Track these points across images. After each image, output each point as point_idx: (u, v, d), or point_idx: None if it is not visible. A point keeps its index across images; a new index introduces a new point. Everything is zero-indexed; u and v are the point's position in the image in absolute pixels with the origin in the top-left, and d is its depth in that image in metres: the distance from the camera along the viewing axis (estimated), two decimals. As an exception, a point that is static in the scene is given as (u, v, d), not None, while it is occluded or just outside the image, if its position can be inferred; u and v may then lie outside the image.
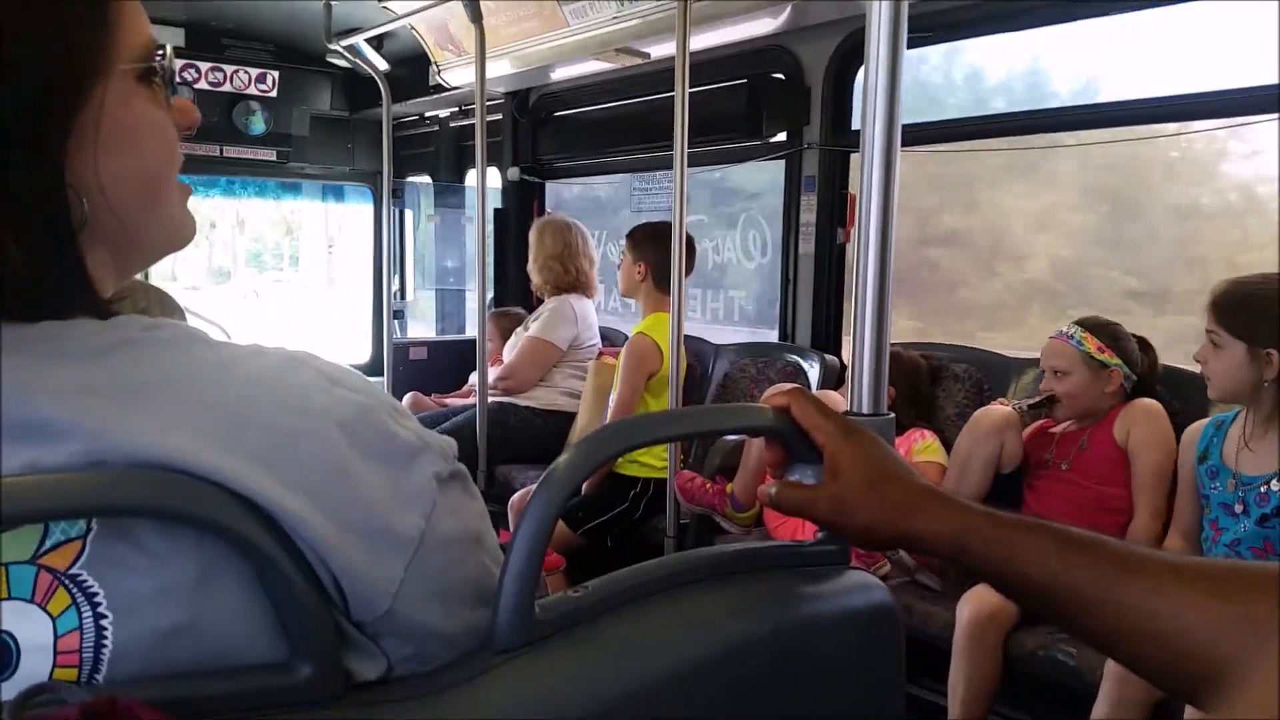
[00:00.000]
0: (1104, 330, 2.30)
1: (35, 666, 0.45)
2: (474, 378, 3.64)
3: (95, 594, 0.45)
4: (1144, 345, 2.35)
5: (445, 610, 0.55)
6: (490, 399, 3.30)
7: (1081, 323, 2.33)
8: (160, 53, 0.55)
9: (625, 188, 4.32)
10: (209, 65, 4.35)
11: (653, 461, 2.97)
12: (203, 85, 4.34)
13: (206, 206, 5.30)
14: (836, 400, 2.36)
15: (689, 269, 3.16)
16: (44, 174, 0.49)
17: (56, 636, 0.45)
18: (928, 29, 2.83)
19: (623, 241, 3.30)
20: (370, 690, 0.52)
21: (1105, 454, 2.26)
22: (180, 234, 0.59)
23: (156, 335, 0.50)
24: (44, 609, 0.45)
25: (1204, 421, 2.12)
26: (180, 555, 0.47)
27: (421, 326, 5.34)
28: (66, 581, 0.45)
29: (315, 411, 0.51)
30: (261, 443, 0.48)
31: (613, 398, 3.11)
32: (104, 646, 0.45)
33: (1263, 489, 1.92)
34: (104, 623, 0.45)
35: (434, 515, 0.53)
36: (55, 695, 0.40)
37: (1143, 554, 0.60)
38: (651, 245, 3.14)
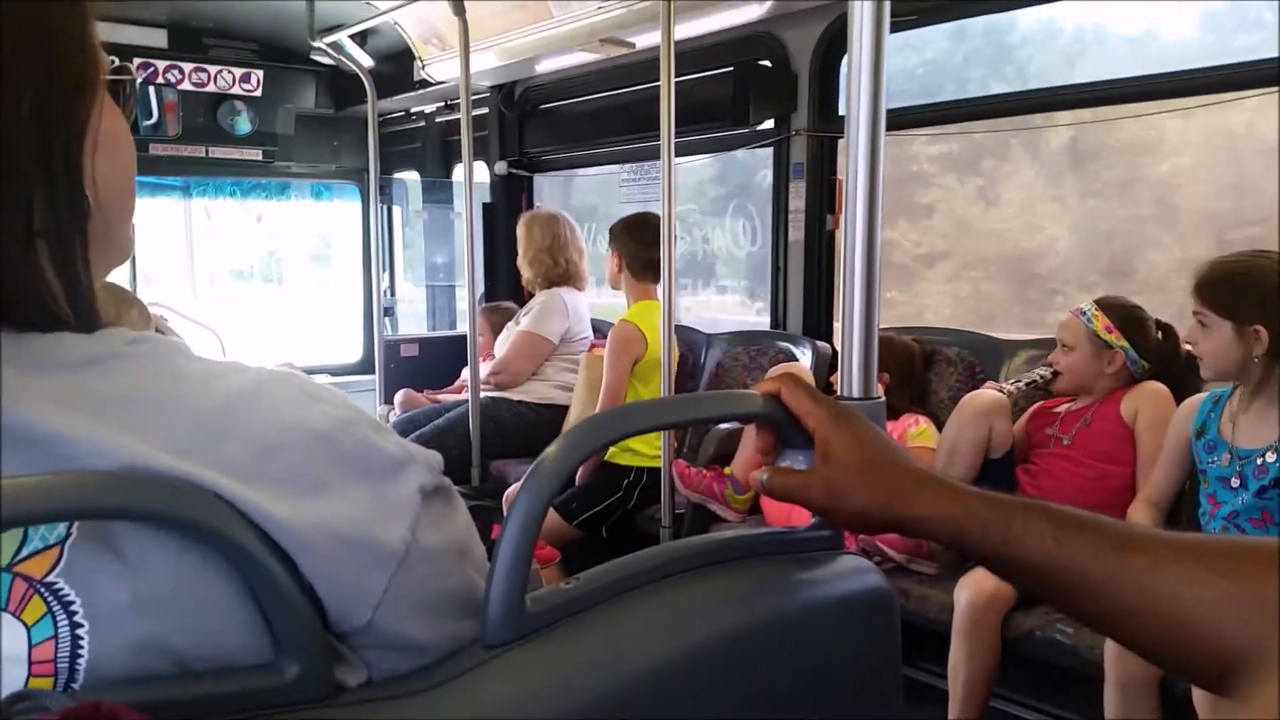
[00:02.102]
0: (1118, 311, 2.31)
1: (10, 676, 0.44)
2: (466, 373, 3.63)
3: (71, 602, 0.45)
4: (1167, 331, 2.35)
5: (427, 622, 0.55)
6: (483, 394, 3.30)
7: (1099, 301, 2.35)
8: (119, 65, 0.56)
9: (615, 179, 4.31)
10: (192, 66, 4.33)
11: (645, 450, 2.97)
12: (186, 86, 4.32)
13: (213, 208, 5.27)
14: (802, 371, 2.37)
15: (654, 258, 3.17)
16: (72, 178, 0.50)
17: (31, 646, 0.44)
18: (912, 12, 2.82)
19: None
20: (359, 690, 0.51)
21: (1111, 431, 2.28)
22: (131, 245, 0.60)
23: (139, 349, 0.50)
24: (18, 618, 0.44)
25: (1201, 396, 2.12)
26: (159, 564, 0.46)
27: (412, 323, 5.33)
28: (42, 589, 0.45)
29: (295, 425, 0.50)
30: (241, 455, 0.48)
31: (602, 383, 3.12)
32: (80, 656, 0.45)
33: (1260, 461, 1.92)
34: (80, 632, 0.45)
35: (418, 528, 0.53)
36: (37, 702, 0.40)
37: (1141, 532, 0.60)
38: (625, 238, 3.17)
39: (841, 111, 3.16)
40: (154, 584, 0.46)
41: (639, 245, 3.14)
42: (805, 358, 3.08)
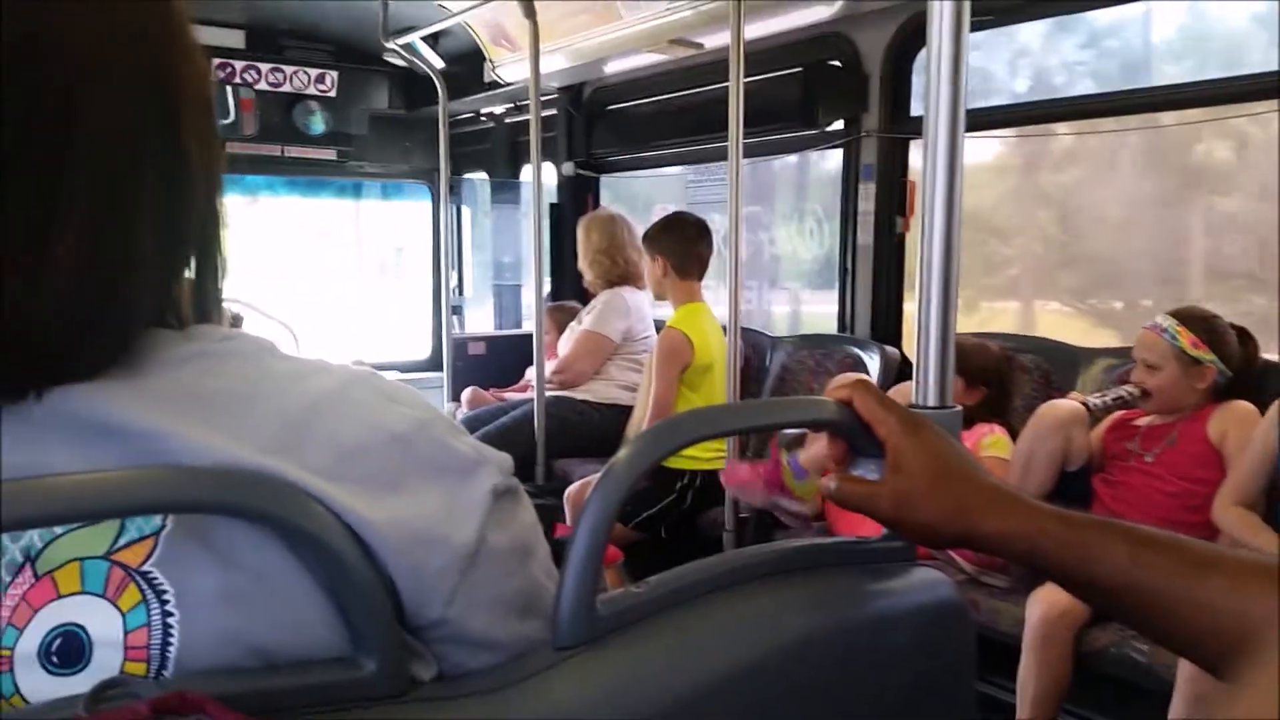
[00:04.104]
0: (1199, 324, 2.20)
1: (106, 660, 0.46)
2: (531, 372, 3.66)
3: (165, 591, 0.46)
4: (1243, 336, 2.25)
5: (495, 619, 0.55)
6: (547, 393, 3.32)
7: (1176, 314, 2.23)
8: None
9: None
10: (269, 66, 4.43)
11: (700, 454, 2.94)
12: (263, 86, 4.42)
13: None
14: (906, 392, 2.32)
15: (706, 258, 3.15)
16: (214, 183, 0.54)
17: (126, 632, 0.46)
18: (988, 12, 2.77)
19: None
20: (432, 687, 0.52)
21: (1197, 451, 2.18)
22: None
23: (230, 347, 0.52)
24: (115, 604, 0.46)
25: None
26: (246, 557, 0.47)
27: (479, 322, 5.39)
28: (138, 578, 0.46)
29: (375, 426, 0.52)
30: (325, 455, 0.49)
31: (650, 393, 3.10)
32: (170, 644, 0.46)
33: None
34: (170, 620, 0.46)
35: (488, 527, 0.54)
36: (127, 689, 0.41)
37: (1220, 553, 0.58)
38: (666, 238, 3.15)
39: (914, 112, 3.12)
40: (240, 577, 0.47)
41: (681, 242, 3.11)
42: (873, 363, 3.04)
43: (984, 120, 2.94)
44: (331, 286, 5.70)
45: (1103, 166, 3.30)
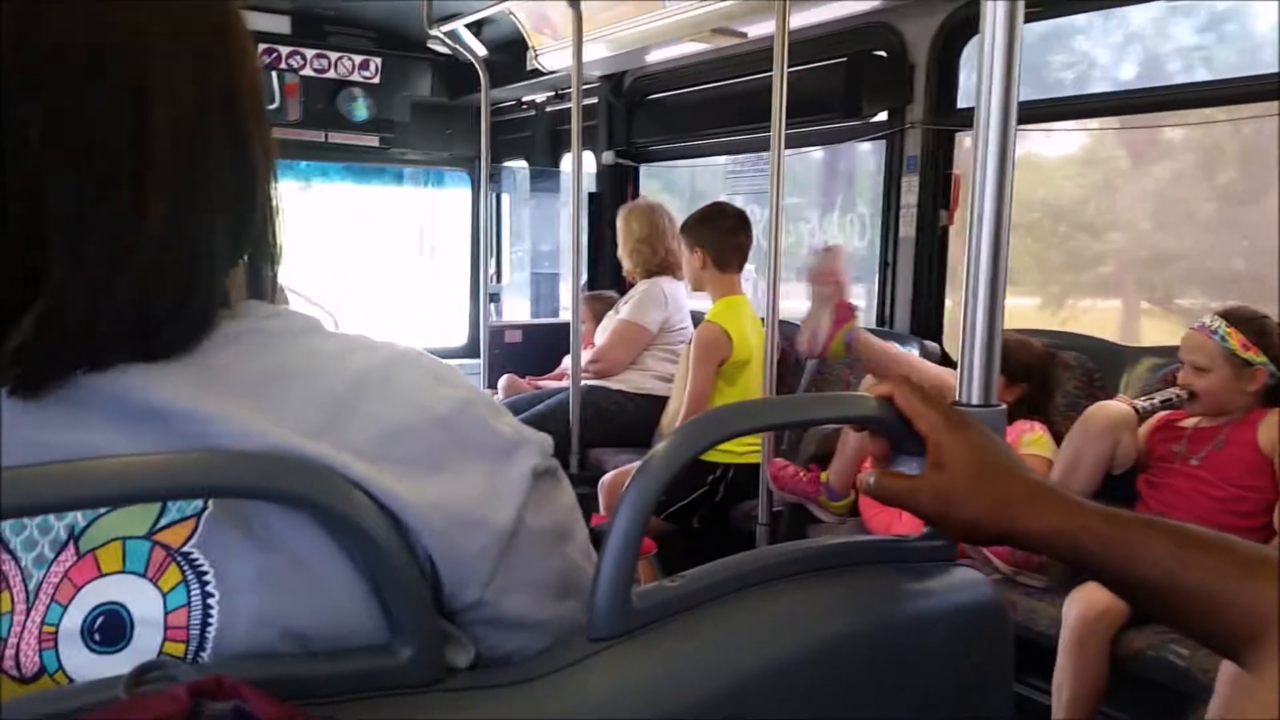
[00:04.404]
0: (1250, 324, 2.14)
1: (146, 640, 0.46)
2: (567, 361, 3.67)
3: (205, 573, 0.47)
4: None
5: (533, 600, 0.56)
6: (582, 382, 3.32)
7: (1226, 315, 2.16)
8: None
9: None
10: (314, 52, 4.46)
11: (734, 447, 2.92)
12: (308, 72, 4.46)
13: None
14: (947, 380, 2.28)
15: (746, 248, 3.12)
16: (270, 169, 0.56)
17: (166, 612, 0.47)
18: (1041, 3, 2.72)
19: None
20: (467, 676, 0.52)
21: (1246, 457, 2.12)
22: None
23: (276, 325, 0.53)
24: (155, 584, 0.47)
25: None
26: (285, 541, 0.48)
27: (517, 309, 5.40)
28: (179, 559, 0.47)
29: (419, 407, 0.52)
30: (368, 436, 0.49)
31: (686, 387, 3.09)
32: (209, 625, 0.47)
33: None
34: (210, 601, 0.47)
35: (527, 509, 0.54)
36: (166, 672, 0.41)
37: (1268, 555, 0.57)
38: (705, 229, 3.10)
39: (961, 104, 3.07)
40: (279, 560, 0.47)
41: (722, 233, 3.07)
42: (912, 357, 3.01)
43: (1035, 113, 2.88)
44: (372, 272, 5.75)
45: (1202, 160, 3.16)
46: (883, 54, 3.16)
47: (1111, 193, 3.55)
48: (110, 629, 0.46)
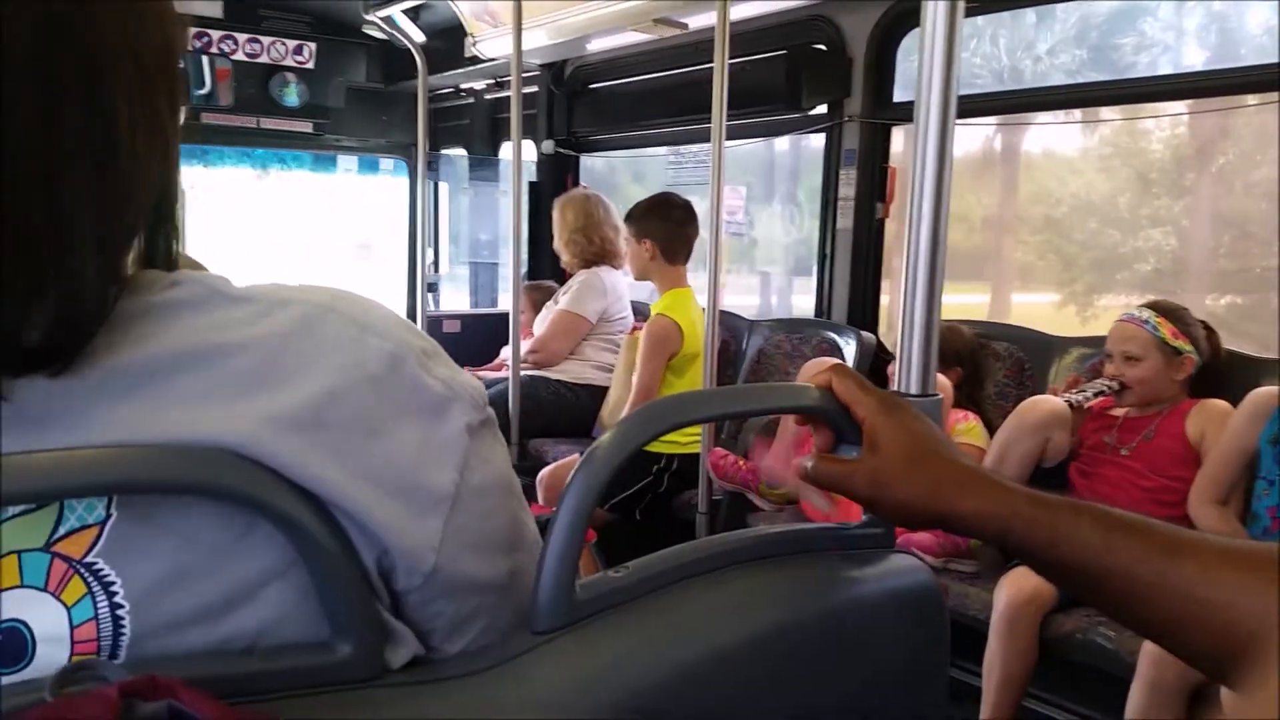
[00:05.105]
0: (1175, 315, 2.22)
1: (51, 657, 0.44)
2: (506, 351, 3.64)
3: (112, 583, 0.44)
4: (1210, 330, 2.27)
5: (484, 559, 0.55)
6: (521, 372, 3.30)
7: (1153, 306, 2.24)
8: None
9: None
10: (246, 37, 4.35)
11: (678, 438, 2.93)
12: (240, 56, 4.35)
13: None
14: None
15: (693, 240, 3.13)
16: (174, 157, 0.52)
17: (73, 626, 0.44)
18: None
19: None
20: (409, 671, 0.51)
21: (1174, 449, 2.19)
22: None
23: (175, 297, 0.48)
24: (58, 598, 0.44)
25: (1273, 391, 2.03)
26: (203, 538, 0.45)
27: (455, 299, 5.35)
28: (82, 570, 0.44)
29: (346, 366, 0.49)
30: (292, 407, 0.46)
31: (634, 379, 3.09)
32: (121, 635, 0.44)
33: None
34: (121, 612, 0.44)
35: (466, 466, 0.52)
36: (95, 672, 0.40)
37: (1192, 538, 0.59)
38: (653, 221, 3.08)
39: (898, 98, 3.11)
40: (198, 559, 0.45)
41: (671, 225, 3.06)
42: (849, 347, 3.05)
43: (973, 108, 2.94)
44: (305, 260, 5.64)
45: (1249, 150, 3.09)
46: (822, 47, 3.19)
47: (1144, 185, 3.49)
48: (10, 648, 0.43)
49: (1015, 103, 3.03)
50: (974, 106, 2.94)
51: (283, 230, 5.55)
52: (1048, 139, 3.46)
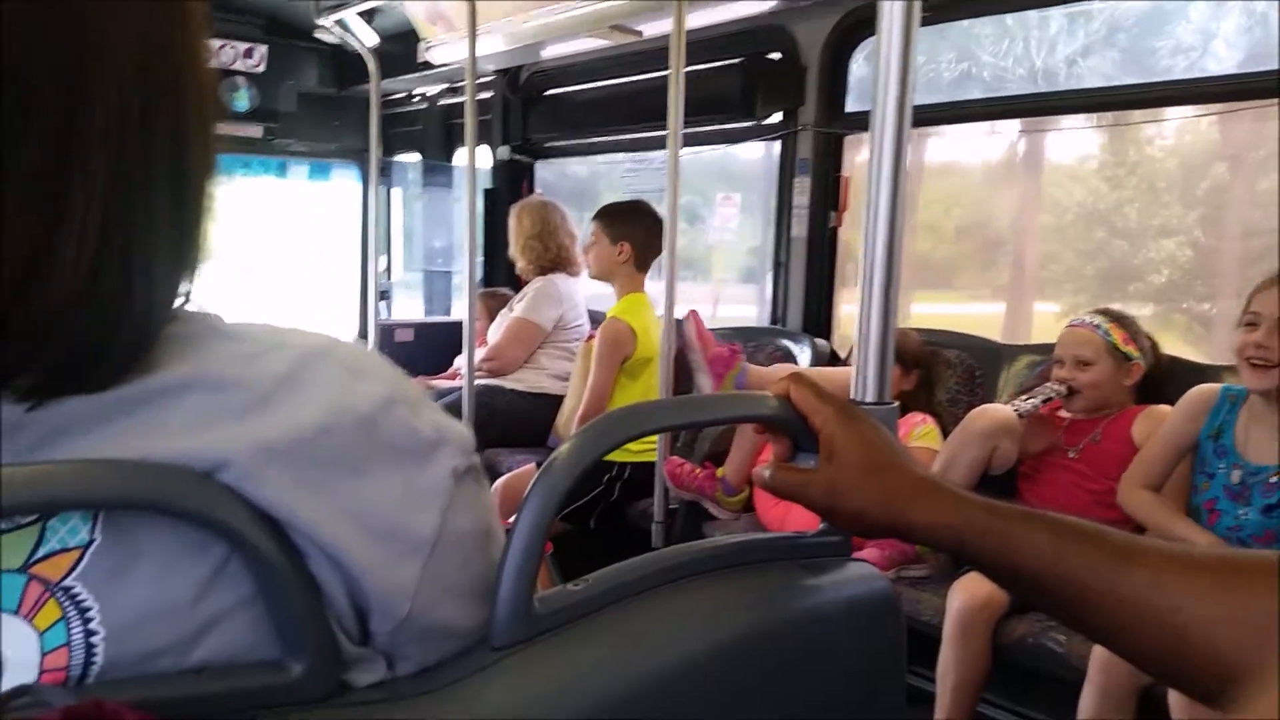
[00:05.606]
0: (1125, 322, 2.27)
1: (18, 683, 0.42)
2: (460, 360, 3.61)
3: (89, 609, 0.43)
4: (1152, 340, 2.33)
5: (459, 608, 0.54)
6: (476, 382, 3.28)
7: (1104, 313, 2.29)
8: None
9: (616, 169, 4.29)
10: (195, 39, 4.27)
11: (631, 446, 2.92)
12: (188, 59, 4.26)
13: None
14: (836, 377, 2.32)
15: (660, 249, 3.13)
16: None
17: (43, 653, 0.42)
18: (932, 7, 2.81)
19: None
20: (365, 690, 0.50)
21: (1120, 452, 2.22)
22: None
23: (176, 331, 0.48)
24: (30, 622, 0.42)
25: (1216, 388, 2.07)
26: (185, 568, 0.44)
27: (408, 307, 5.29)
28: (58, 593, 0.42)
29: (336, 406, 0.48)
30: (279, 437, 0.46)
31: (588, 382, 3.08)
32: (93, 663, 0.43)
33: (1273, 479, 1.90)
34: (94, 640, 0.43)
35: (449, 512, 0.52)
36: (37, 697, 0.38)
37: (1142, 545, 0.60)
38: (631, 225, 3.08)
39: (850, 108, 3.15)
40: (176, 590, 0.44)
41: (647, 231, 3.06)
42: (804, 355, 3.07)
43: (931, 116, 2.98)
44: (256, 267, 5.55)
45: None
46: (777, 56, 3.21)
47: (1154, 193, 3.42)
48: None
49: (970, 113, 3.08)
50: (931, 115, 2.98)
51: (235, 237, 5.45)
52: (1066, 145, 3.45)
